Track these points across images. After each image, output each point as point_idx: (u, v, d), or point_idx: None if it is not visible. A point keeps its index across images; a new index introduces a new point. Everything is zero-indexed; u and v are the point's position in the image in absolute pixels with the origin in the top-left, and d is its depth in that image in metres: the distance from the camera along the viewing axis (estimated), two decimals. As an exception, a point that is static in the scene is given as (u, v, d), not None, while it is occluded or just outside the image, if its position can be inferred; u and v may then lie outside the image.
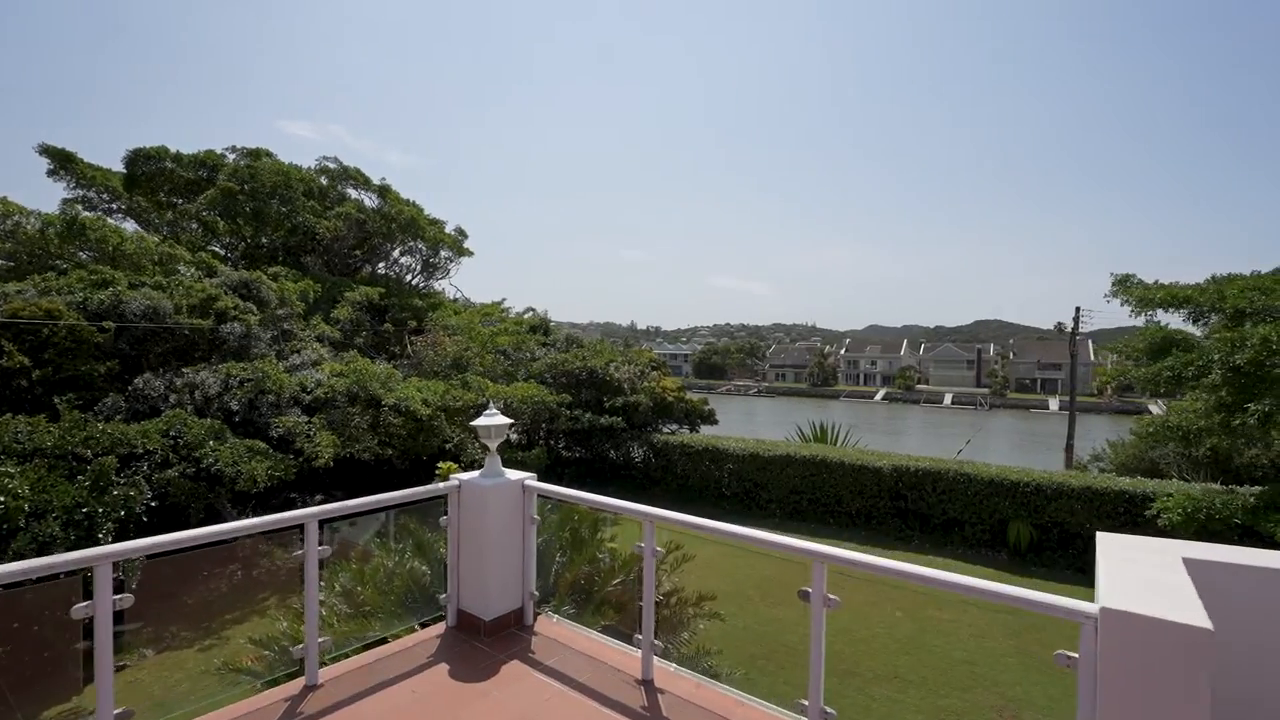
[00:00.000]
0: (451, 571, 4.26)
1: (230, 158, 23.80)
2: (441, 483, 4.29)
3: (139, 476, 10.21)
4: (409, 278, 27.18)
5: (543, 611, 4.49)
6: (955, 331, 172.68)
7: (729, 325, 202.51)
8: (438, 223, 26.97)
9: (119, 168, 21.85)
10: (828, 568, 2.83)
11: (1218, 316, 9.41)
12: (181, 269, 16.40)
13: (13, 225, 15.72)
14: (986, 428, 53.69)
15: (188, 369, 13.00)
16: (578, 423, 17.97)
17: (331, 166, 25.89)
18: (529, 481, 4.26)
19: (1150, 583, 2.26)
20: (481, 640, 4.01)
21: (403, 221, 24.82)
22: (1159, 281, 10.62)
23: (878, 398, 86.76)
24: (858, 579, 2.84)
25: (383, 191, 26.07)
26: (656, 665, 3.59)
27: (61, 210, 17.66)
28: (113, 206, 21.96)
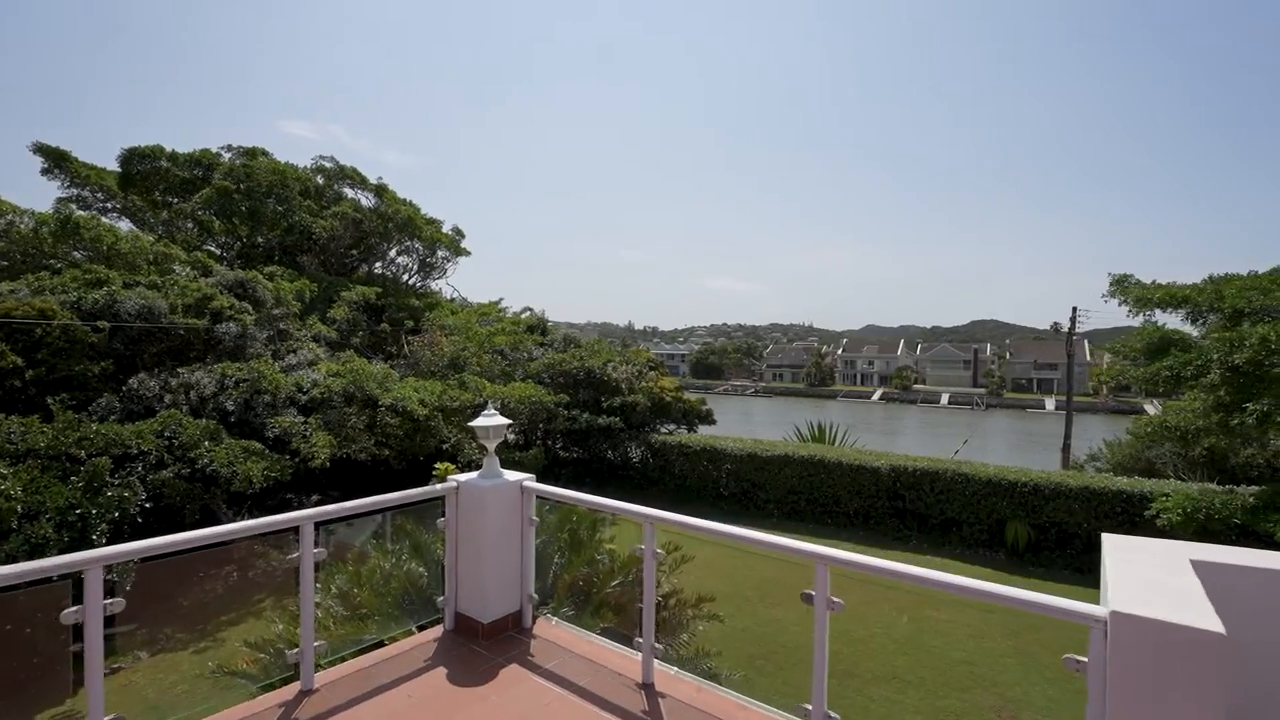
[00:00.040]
0: (449, 574, 4.21)
1: (226, 157, 23.69)
2: (439, 484, 4.25)
3: (133, 478, 10.14)
4: (406, 277, 27.10)
5: (541, 614, 4.45)
6: (952, 332, 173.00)
7: (726, 325, 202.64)
8: (435, 222, 26.90)
9: (115, 167, 21.74)
10: (831, 570, 2.80)
11: (1216, 316, 9.41)
12: (177, 268, 16.31)
13: (6, 224, 15.61)
14: (983, 428, 53.79)
15: (183, 369, 12.91)
16: (575, 423, 17.91)
17: (328, 166, 25.81)
18: (527, 483, 4.22)
19: (1159, 585, 2.23)
20: (479, 643, 3.96)
21: (399, 221, 24.74)
22: (1156, 281, 10.62)
23: (875, 398, 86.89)
24: (855, 579, 2.79)
25: (379, 191, 25.99)
26: (657, 668, 3.55)
27: (55, 209, 17.54)
28: (107, 206, 21.85)
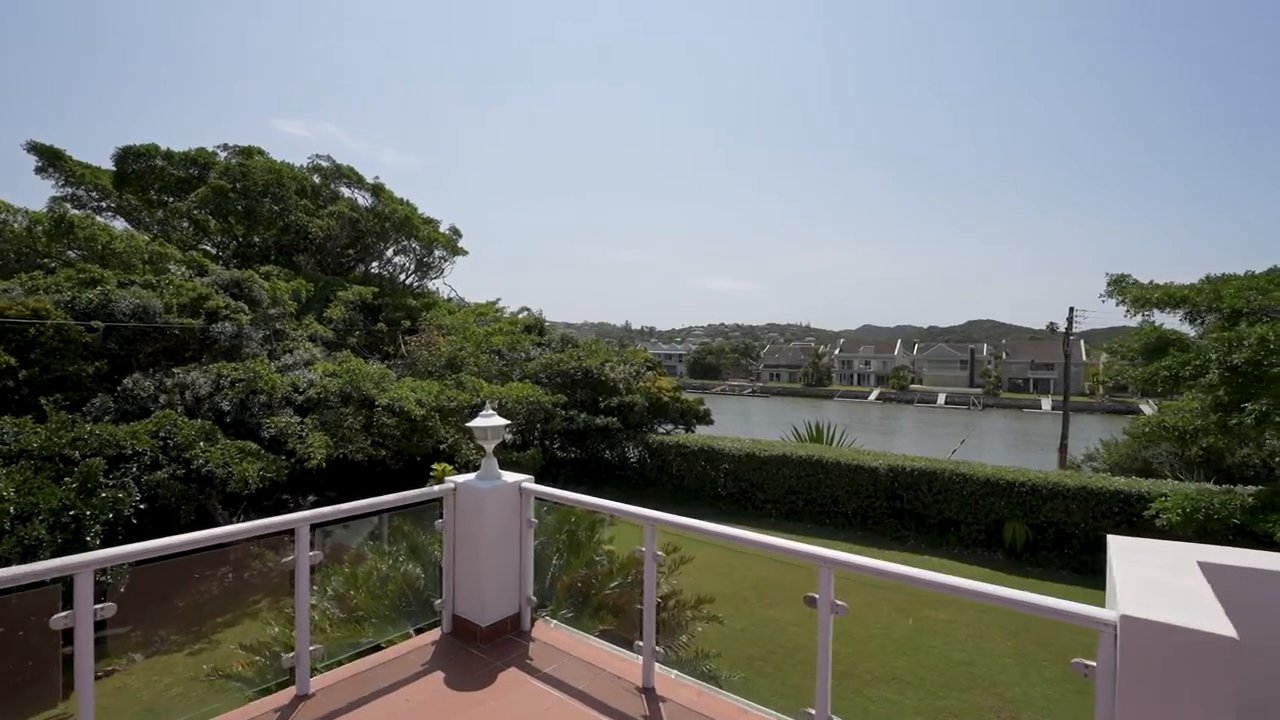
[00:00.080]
0: (447, 576, 4.16)
1: (222, 156, 23.55)
2: (436, 485, 4.20)
3: (128, 478, 10.06)
4: (403, 277, 27.00)
5: (540, 616, 4.40)
6: (948, 332, 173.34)
7: (723, 325, 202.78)
8: (432, 222, 26.80)
9: (109, 166, 21.61)
10: (835, 573, 2.76)
11: (1214, 316, 9.41)
12: (172, 268, 16.21)
13: (-1, 223, 15.50)
14: (980, 428, 53.89)
15: (178, 369, 12.83)
16: (573, 423, 17.87)
17: (324, 165, 25.68)
18: (526, 484, 4.18)
19: (1168, 588, 2.20)
20: (478, 647, 3.91)
21: (396, 220, 24.63)
22: (1154, 282, 10.64)
23: (872, 398, 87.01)
24: (853, 580, 2.76)
25: (376, 190, 25.88)
26: (658, 672, 3.51)
27: (49, 208, 17.42)
28: (102, 205, 21.70)
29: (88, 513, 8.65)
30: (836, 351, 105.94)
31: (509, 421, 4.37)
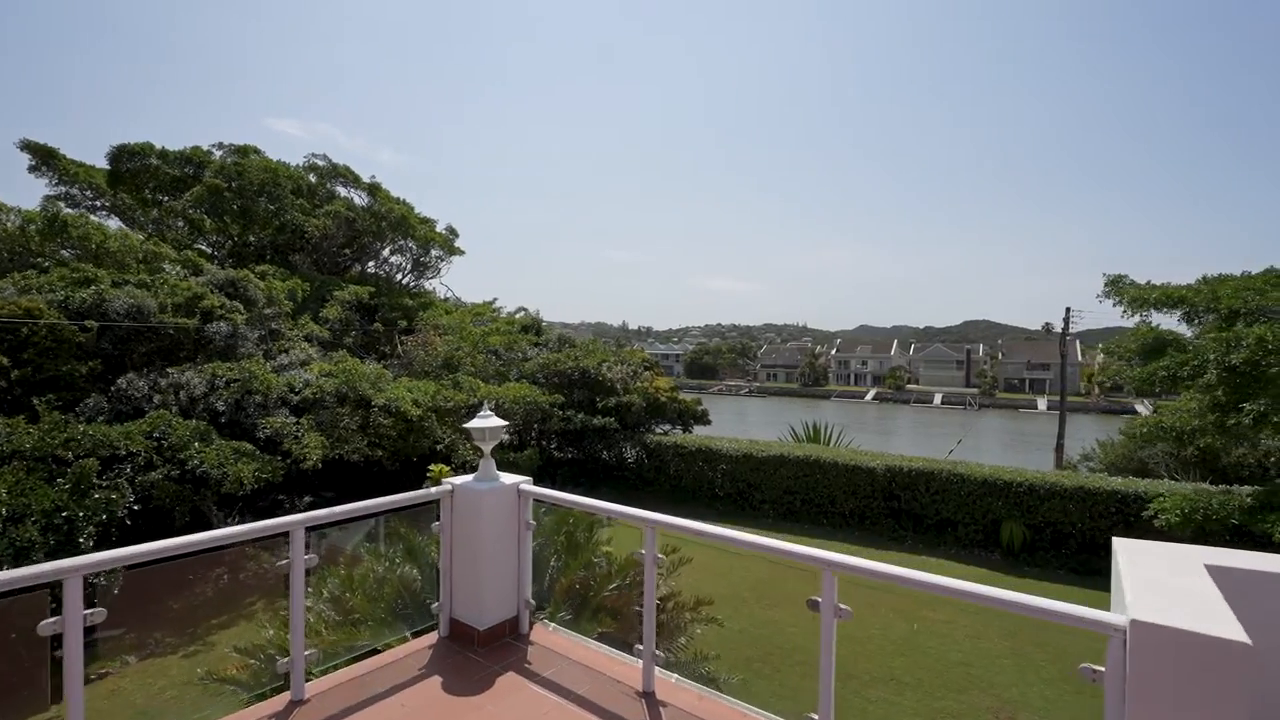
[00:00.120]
0: (444, 579, 4.11)
1: (217, 155, 23.45)
2: (434, 487, 4.15)
3: (122, 479, 9.99)
4: (399, 277, 26.93)
5: (539, 620, 4.36)
6: (944, 332, 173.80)
7: (720, 325, 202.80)
8: (428, 221, 26.74)
9: (104, 165, 21.48)
10: (838, 576, 2.72)
11: (1212, 317, 9.42)
12: (167, 267, 16.11)
13: (-8, 222, 15.38)
14: (976, 428, 53.99)
15: (172, 369, 12.74)
16: (570, 423, 17.81)
17: (320, 164, 25.59)
18: (524, 486, 4.13)
19: (1177, 591, 2.17)
20: (475, 651, 3.87)
21: (393, 220, 24.57)
22: (1151, 282, 10.65)
23: (868, 398, 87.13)
24: (849, 580, 2.72)
25: (373, 190, 25.80)
26: (658, 676, 3.47)
27: (43, 207, 17.29)
28: (96, 204, 21.58)
29: (81, 514, 8.58)
30: (833, 352, 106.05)
31: (507, 423, 4.33)
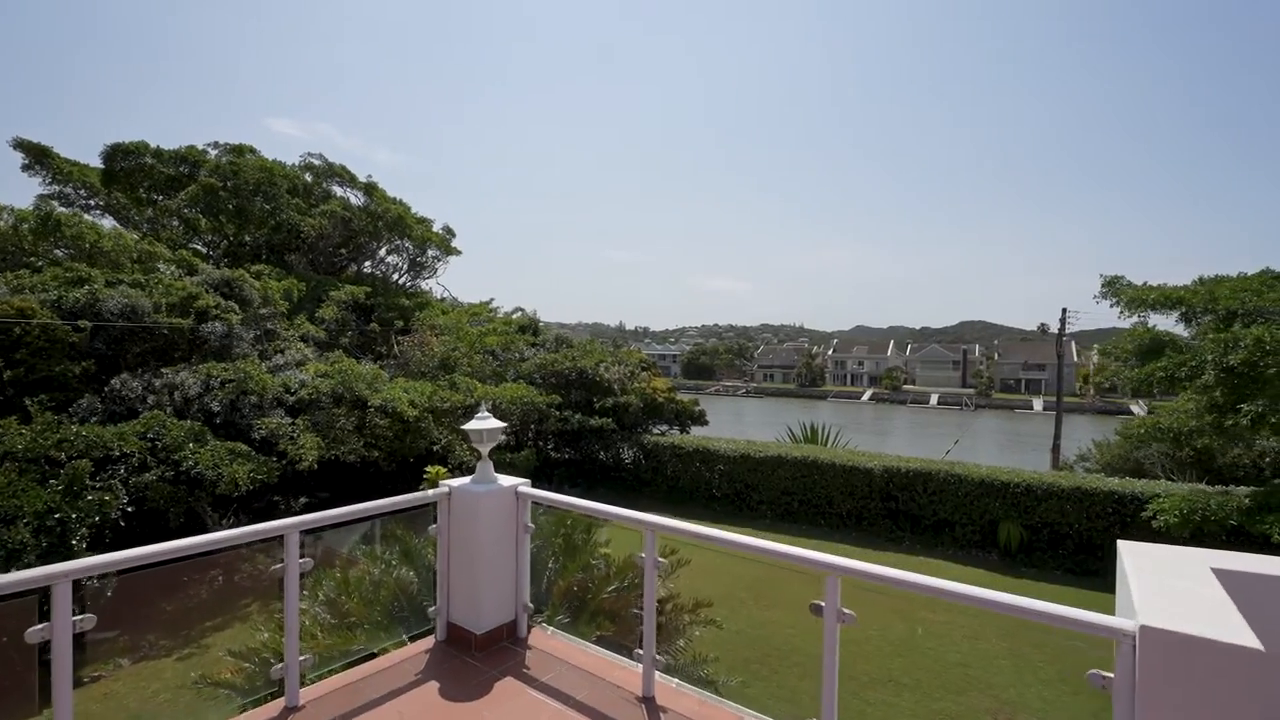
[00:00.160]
0: (441, 582, 4.07)
1: (212, 154, 23.31)
2: (430, 489, 4.11)
3: (115, 480, 9.90)
4: (396, 277, 26.82)
5: (537, 623, 4.31)
6: (940, 332, 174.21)
7: (717, 326, 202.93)
8: (425, 221, 26.64)
9: (98, 164, 21.34)
10: (842, 581, 2.68)
11: (1210, 317, 9.43)
12: (161, 267, 16.00)
13: (-16, 221, 15.26)
14: (972, 428, 54.08)
15: (167, 369, 12.65)
16: (567, 424, 17.76)
17: (317, 163, 25.47)
18: (523, 488, 4.09)
19: (1187, 596, 2.14)
20: (473, 655, 3.82)
21: (389, 220, 24.47)
22: (1148, 283, 10.66)
23: (865, 398, 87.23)
24: (846, 581, 2.68)
25: (369, 189, 25.69)
26: (658, 681, 3.43)
27: (36, 206, 17.16)
28: (90, 203, 21.42)
29: (74, 516, 8.49)
30: (830, 352, 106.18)
31: (505, 424, 4.28)
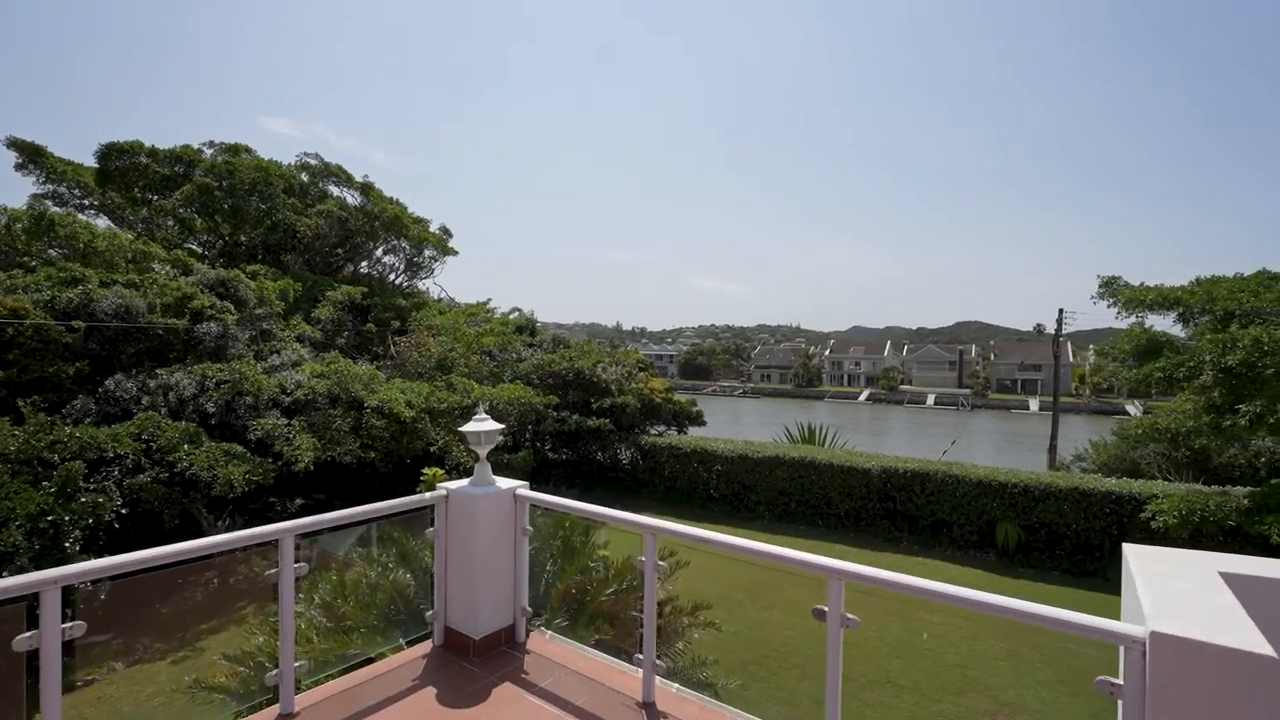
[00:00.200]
0: (438, 586, 4.02)
1: (208, 153, 23.20)
2: (428, 492, 4.06)
3: (109, 482, 9.83)
4: (392, 277, 26.74)
5: (535, 627, 4.27)
6: (937, 333, 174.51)
7: (714, 326, 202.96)
8: (422, 221, 26.56)
9: (92, 163, 21.21)
10: (845, 585, 2.65)
11: (1207, 318, 9.44)
12: (156, 267, 15.91)
13: (-24, 221, 15.14)
14: (969, 428, 54.17)
15: (162, 370, 12.57)
16: (565, 424, 17.72)
17: (313, 163, 25.38)
18: (521, 491, 4.04)
19: (1196, 601, 2.11)
20: (471, 660, 3.77)
21: (386, 220, 24.38)
22: (1144, 284, 10.67)
23: (862, 398, 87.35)
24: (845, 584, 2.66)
25: (365, 189, 25.60)
26: (658, 686, 3.39)
27: (29, 205, 17.05)
28: (85, 202, 21.30)
29: (67, 518, 8.42)
30: (827, 352, 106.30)
31: (503, 426, 4.24)
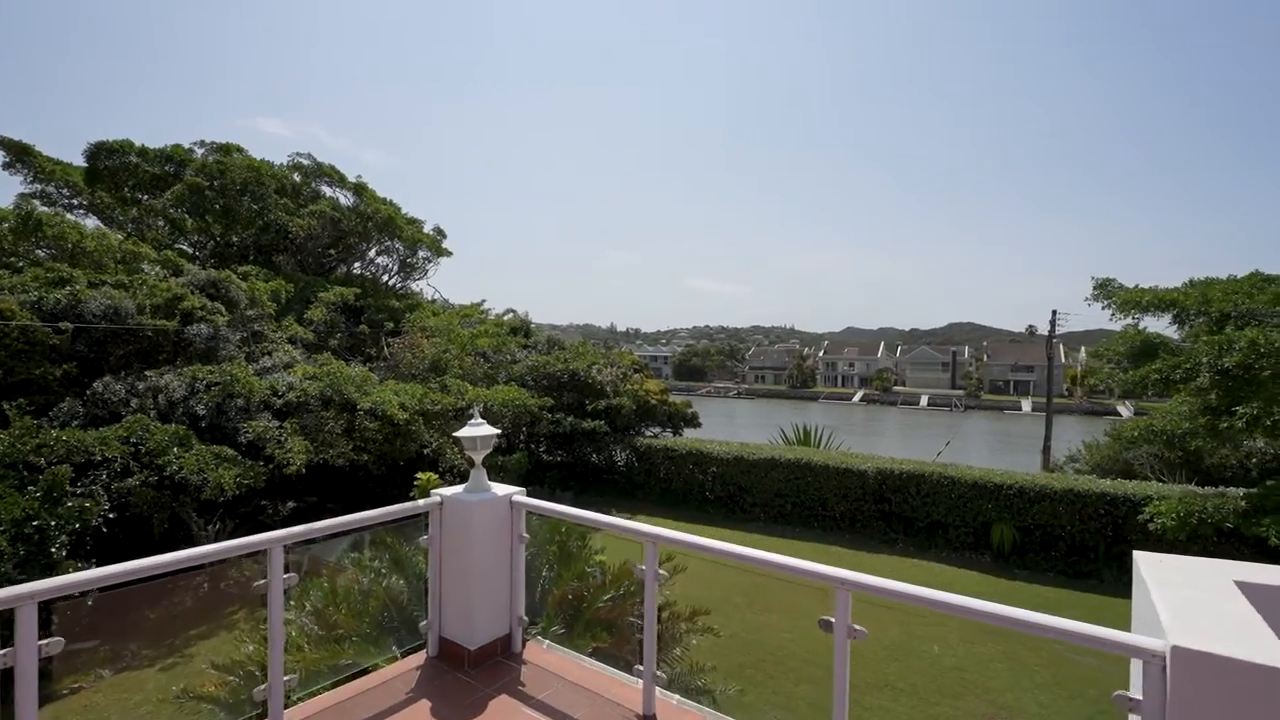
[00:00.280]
0: (433, 596, 3.92)
1: (199, 153, 22.95)
2: (422, 498, 3.97)
3: (97, 486, 9.68)
4: (386, 278, 26.56)
5: (531, 635, 4.18)
6: (930, 334, 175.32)
7: (708, 327, 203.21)
8: (415, 222, 26.40)
9: (81, 163, 20.96)
10: (852, 595, 2.58)
11: (1202, 319, 9.44)
12: (146, 267, 15.72)
13: (-38, 220, 14.91)
14: (963, 429, 54.36)
15: (151, 372, 12.40)
16: (559, 426, 17.62)
17: (305, 163, 25.15)
18: (517, 497, 3.95)
19: (1215, 614, 2.06)
20: (466, 672, 3.68)
21: (379, 220, 24.21)
22: (1139, 285, 10.69)
23: (856, 399, 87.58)
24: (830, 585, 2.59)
25: (359, 189, 25.41)
26: (659, 697, 3.31)
27: (16, 205, 16.82)
28: (73, 202, 21.04)
29: (53, 523, 8.27)
30: (821, 353, 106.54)
31: (499, 431, 4.15)
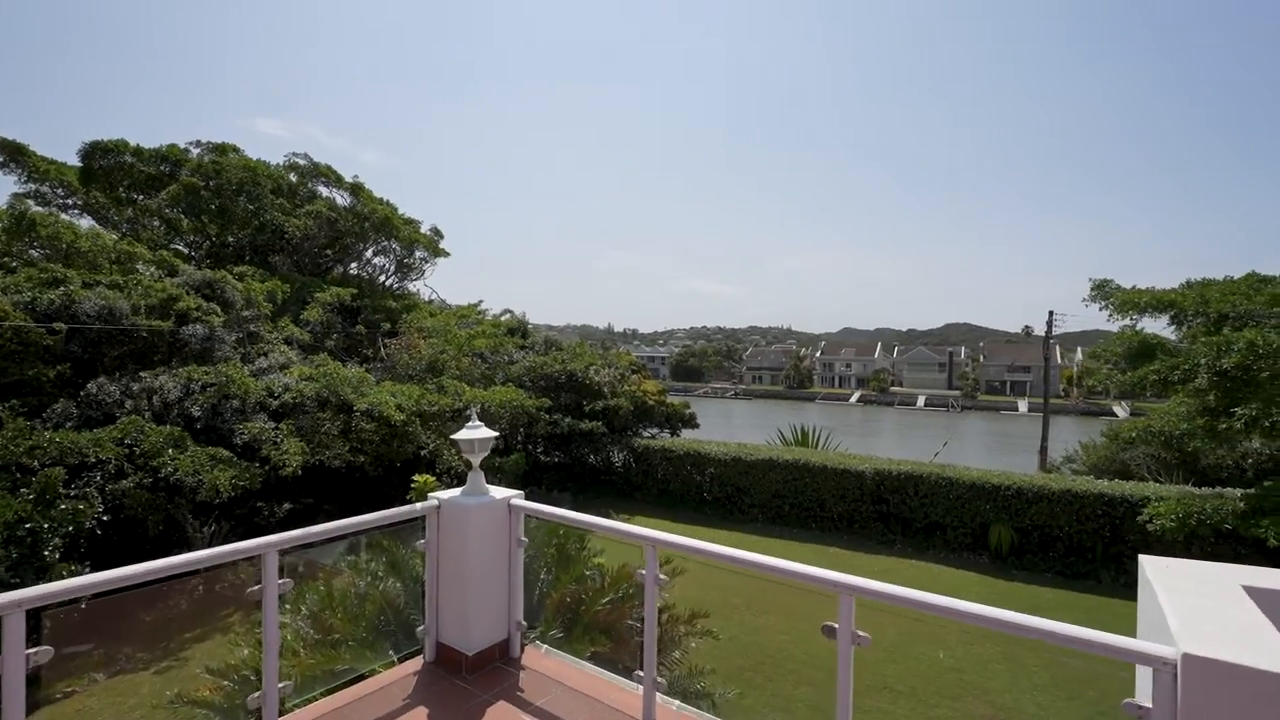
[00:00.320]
0: (430, 601, 3.88)
1: (195, 153, 22.83)
2: (419, 502, 3.93)
3: (90, 488, 9.60)
4: (382, 278, 26.47)
5: (530, 640, 4.14)
6: (926, 334, 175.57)
7: (705, 328, 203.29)
8: (413, 222, 26.33)
9: (76, 162, 20.84)
10: (856, 600, 2.55)
11: (1200, 320, 9.44)
12: (141, 268, 15.62)
13: (-45, 220, 14.80)
14: (960, 430, 54.46)
15: (146, 373, 12.33)
16: (557, 427, 17.58)
17: (301, 163, 25.05)
18: (515, 500, 3.91)
19: (1224, 620, 2.03)
20: (463, 678, 3.63)
21: (376, 221, 24.13)
22: (1136, 286, 10.69)
23: (853, 400, 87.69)
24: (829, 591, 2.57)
25: (355, 189, 25.31)
26: (660, 704, 3.27)
27: (10, 205, 16.70)
28: (68, 202, 20.90)
29: (46, 526, 8.20)
30: (818, 354, 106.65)
31: (497, 433, 4.11)
